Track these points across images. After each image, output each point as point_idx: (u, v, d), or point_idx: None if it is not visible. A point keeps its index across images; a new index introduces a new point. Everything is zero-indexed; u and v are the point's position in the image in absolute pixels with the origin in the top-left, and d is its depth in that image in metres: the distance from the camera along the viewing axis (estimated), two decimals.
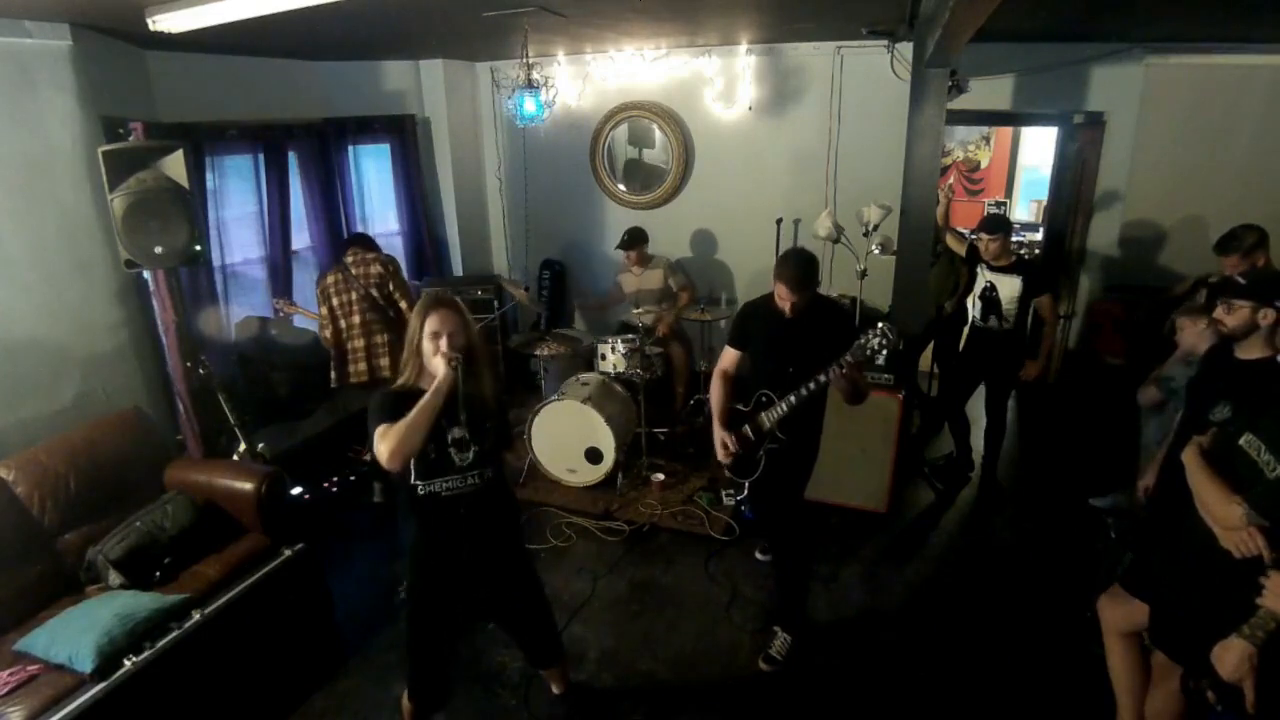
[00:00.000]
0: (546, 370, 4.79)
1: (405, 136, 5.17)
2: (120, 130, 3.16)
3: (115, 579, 2.56)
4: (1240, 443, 1.85)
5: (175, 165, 2.92)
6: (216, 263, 4.05)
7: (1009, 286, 3.67)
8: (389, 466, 1.90)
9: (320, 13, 2.58)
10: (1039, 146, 8.19)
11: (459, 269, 5.70)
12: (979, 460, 4.15)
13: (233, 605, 2.56)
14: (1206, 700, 1.83)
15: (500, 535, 2.21)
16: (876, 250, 4.07)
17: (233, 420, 3.43)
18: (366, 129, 4.99)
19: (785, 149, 4.99)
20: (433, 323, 1.99)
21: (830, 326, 2.62)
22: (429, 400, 1.91)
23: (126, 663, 2.21)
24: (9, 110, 2.83)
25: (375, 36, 4.11)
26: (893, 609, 3.22)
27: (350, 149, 4.95)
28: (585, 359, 4.85)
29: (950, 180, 8.12)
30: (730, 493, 3.98)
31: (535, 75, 3.88)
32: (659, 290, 4.82)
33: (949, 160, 8.55)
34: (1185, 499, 1.96)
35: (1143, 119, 4.49)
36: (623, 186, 5.51)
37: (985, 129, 8.39)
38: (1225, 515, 1.78)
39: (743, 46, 4.73)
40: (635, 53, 4.92)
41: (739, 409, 2.78)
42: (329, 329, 3.81)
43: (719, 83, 4.91)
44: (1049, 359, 4.05)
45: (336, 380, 3.93)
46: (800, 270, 2.51)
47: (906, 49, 4.22)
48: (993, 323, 3.76)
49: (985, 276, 3.75)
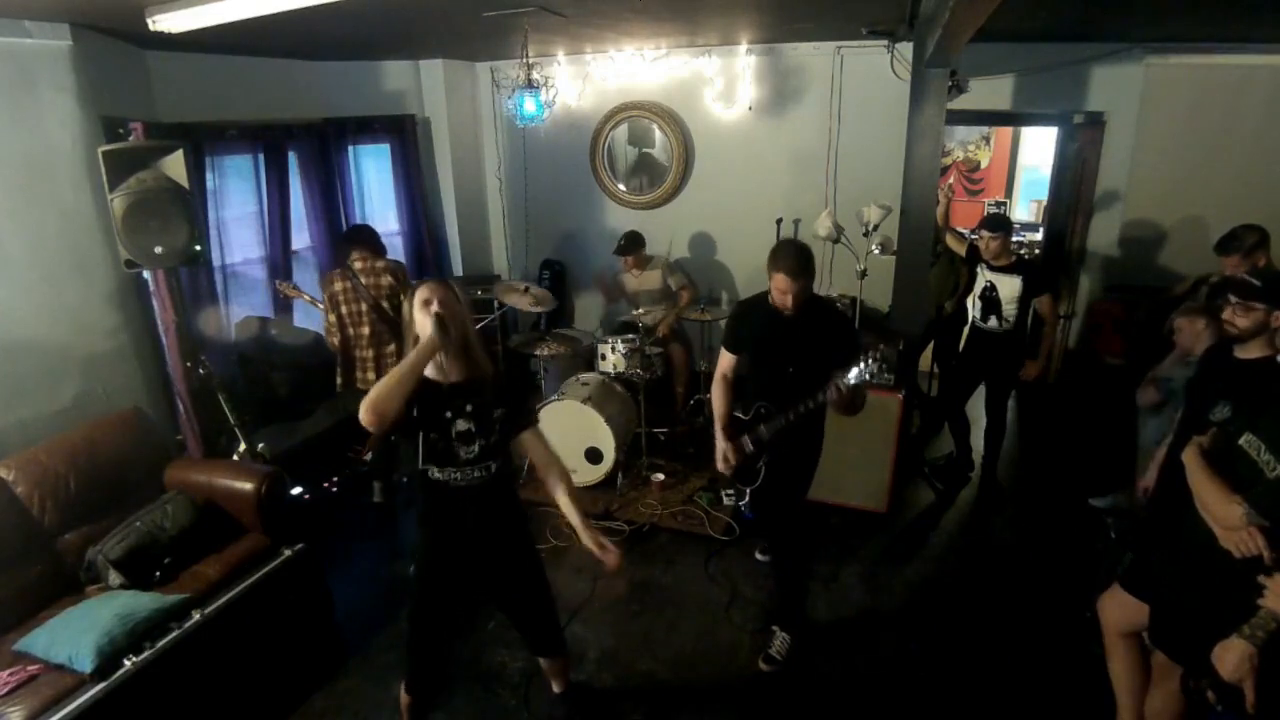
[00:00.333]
0: (546, 370, 4.79)
1: (405, 136, 5.16)
2: (120, 130, 3.17)
3: (115, 579, 2.56)
4: (1240, 442, 1.85)
5: (175, 165, 2.92)
6: (216, 263, 4.05)
7: (1009, 286, 3.67)
8: (364, 422, 1.86)
9: (320, 13, 2.58)
10: (1039, 146, 8.19)
11: (459, 269, 5.70)
12: (979, 460, 4.15)
13: (233, 605, 2.57)
14: (1207, 700, 1.83)
15: (506, 527, 2.20)
16: (876, 250, 4.07)
17: (233, 420, 3.44)
18: (366, 129, 4.98)
19: (785, 149, 4.99)
20: (422, 292, 1.96)
21: (828, 326, 2.59)
22: (412, 356, 1.88)
23: (126, 663, 2.22)
24: (9, 110, 2.83)
25: (375, 36, 4.11)
26: (893, 609, 3.22)
27: (350, 149, 4.94)
28: (585, 359, 4.85)
29: (950, 180, 8.11)
30: (730, 493, 3.98)
31: (535, 75, 3.88)
32: (659, 290, 4.82)
33: (949, 160, 8.55)
34: (1185, 499, 1.95)
35: (1143, 119, 4.49)
36: (623, 186, 5.51)
37: (985, 129, 8.40)
38: (1225, 515, 1.78)
39: (743, 46, 4.72)
40: (635, 53, 4.92)
41: (738, 417, 2.74)
42: (336, 336, 3.78)
43: (719, 83, 4.91)
44: (1049, 359, 4.06)
45: (343, 384, 3.91)
46: (797, 257, 2.42)
47: (906, 49, 4.22)
48: (993, 323, 3.76)
49: (985, 276, 3.75)
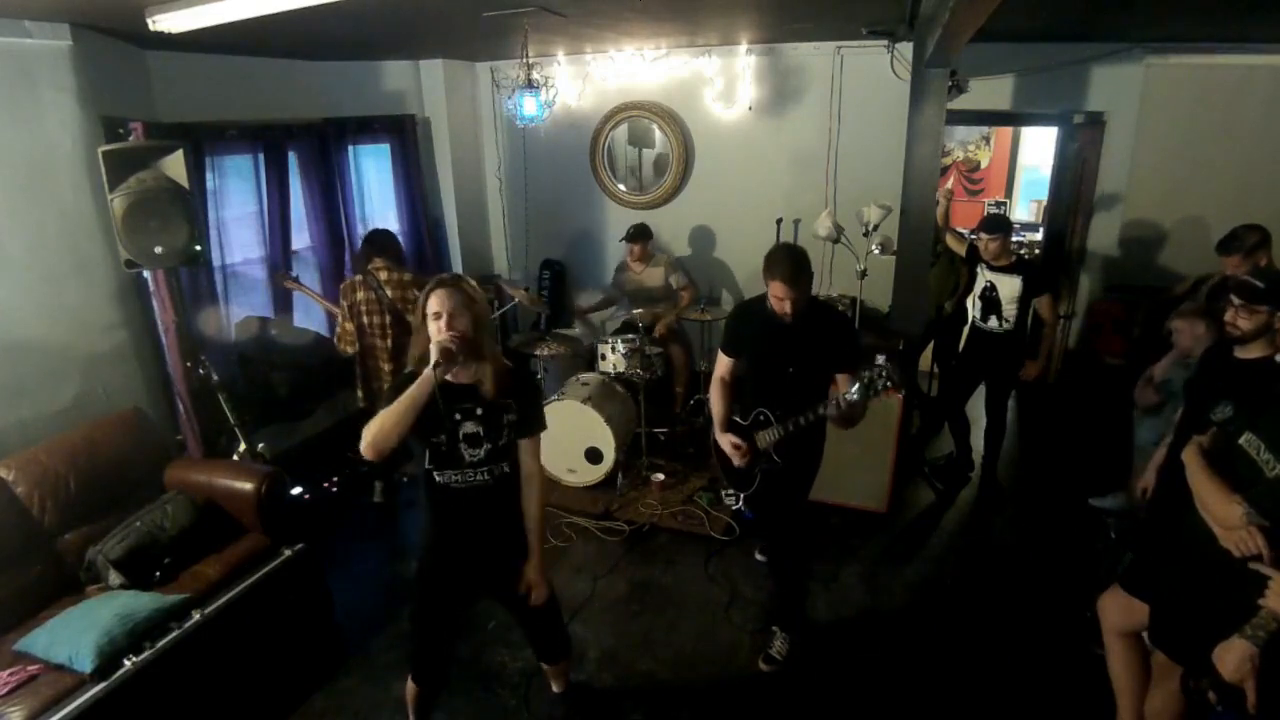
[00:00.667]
0: (546, 370, 4.79)
1: (405, 136, 5.16)
2: (120, 130, 3.17)
3: (115, 579, 2.56)
4: (1240, 442, 1.85)
5: (175, 165, 2.92)
6: (216, 263, 4.04)
7: (1009, 286, 3.67)
8: (366, 456, 1.87)
9: (320, 13, 2.58)
10: (1039, 146, 8.18)
11: (459, 269, 5.69)
12: (979, 460, 4.14)
13: (233, 605, 2.57)
14: (1207, 700, 1.82)
15: (510, 530, 2.18)
16: (876, 250, 4.07)
17: (233, 420, 3.44)
18: (366, 129, 4.98)
19: (785, 149, 4.99)
20: (433, 303, 1.91)
21: (828, 329, 2.56)
22: (409, 394, 1.86)
23: (126, 663, 2.22)
24: (9, 110, 2.83)
25: (375, 36, 4.11)
26: (893, 609, 3.22)
27: (350, 149, 4.94)
28: (585, 359, 4.85)
29: (950, 182, 8.11)
30: (730, 493, 3.96)
31: (535, 75, 3.88)
32: (660, 288, 4.83)
33: (949, 160, 8.54)
34: (1185, 499, 1.95)
35: (1143, 119, 4.49)
36: (623, 186, 5.51)
37: (985, 129, 8.39)
38: (1225, 514, 1.78)
39: (743, 46, 4.72)
40: (635, 53, 4.92)
41: (736, 421, 2.69)
42: (353, 346, 3.71)
43: (719, 83, 4.91)
44: (1049, 359, 4.05)
45: (364, 399, 3.85)
46: (792, 263, 2.37)
47: (906, 49, 4.22)
48: (993, 323, 3.76)
49: (985, 276, 3.75)
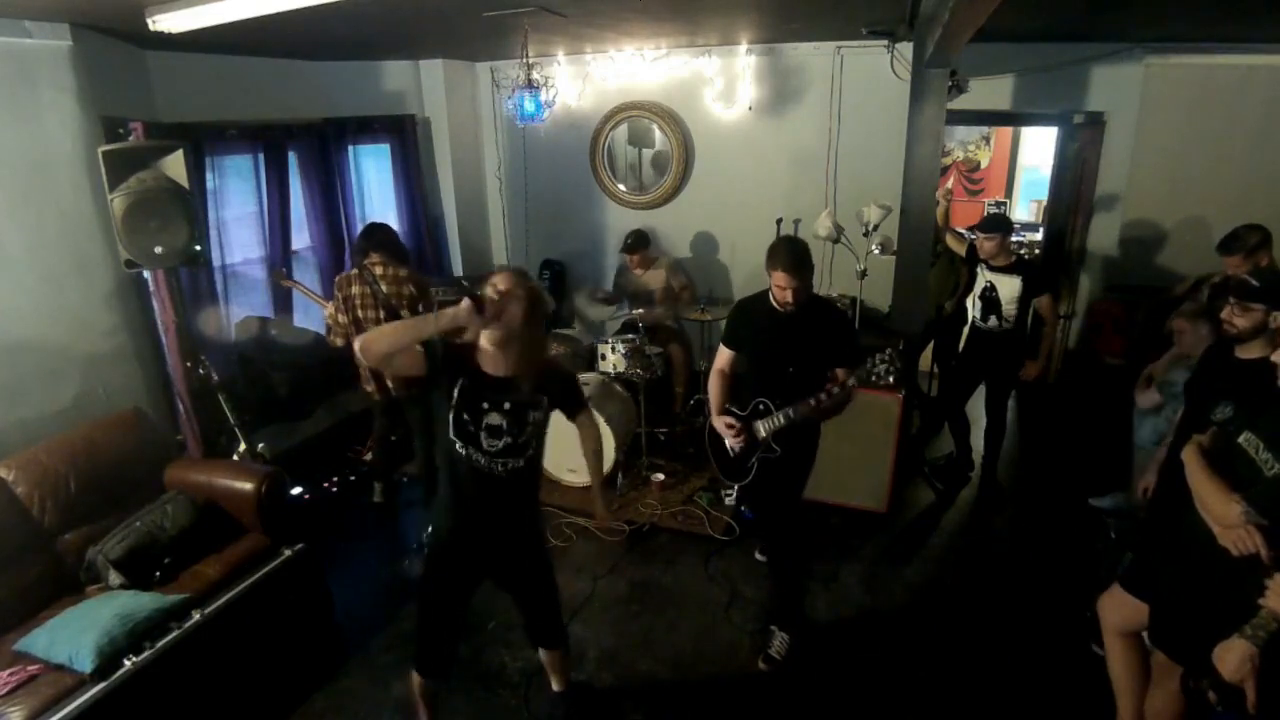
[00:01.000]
0: None
1: (405, 136, 5.16)
2: (120, 130, 3.17)
3: (115, 579, 2.56)
4: (1239, 441, 1.86)
5: (175, 165, 2.92)
6: (216, 263, 4.04)
7: (1009, 286, 3.67)
8: (358, 354, 1.90)
9: (320, 13, 2.58)
10: (1039, 146, 8.18)
11: (459, 269, 5.69)
12: (979, 460, 4.15)
13: (233, 605, 2.57)
14: (1207, 700, 1.82)
15: (519, 522, 2.20)
16: (876, 250, 4.07)
17: (233, 420, 3.44)
18: (366, 129, 4.98)
19: (785, 149, 4.99)
20: (498, 278, 1.98)
21: (827, 325, 2.59)
22: (428, 316, 1.91)
23: (126, 663, 2.22)
24: (9, 110, 2.83)
25: (375, 36, 4.10)
26: (893, 609, 3.22)
27: (350, 149, 4.94)
28: (585, 359, 4.85)
29: (950, 182, 8.11)
30: (730, 492, 3.98)
31: (535, 75, 3.88)
32: (662, 289, 4.83)
33: (949, 160, 8.54)
34: (1185, 499, 1.95)
35: (1143, 119, 4.49)
36: (623, 186, 5.51)
37: (985, 129, 8.39)
38: (1224, 513, 1.78)
39: (743, 46, 4.72)
40: (635, 53, 4.92)
41: (734, 412, 2.72)
42: (343, 338, 3.67)
43: (719, 83, 4.90)
44: (1049, 359, 4.05)
45: (378, 392, 3.80)
46: (794, 253, 2.42)
47: (906, 49, 4.22)
48: (993, 323, 3.76)
49: (985, 276, 3.75)
